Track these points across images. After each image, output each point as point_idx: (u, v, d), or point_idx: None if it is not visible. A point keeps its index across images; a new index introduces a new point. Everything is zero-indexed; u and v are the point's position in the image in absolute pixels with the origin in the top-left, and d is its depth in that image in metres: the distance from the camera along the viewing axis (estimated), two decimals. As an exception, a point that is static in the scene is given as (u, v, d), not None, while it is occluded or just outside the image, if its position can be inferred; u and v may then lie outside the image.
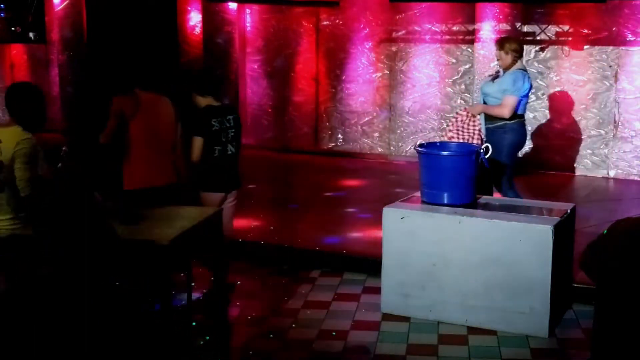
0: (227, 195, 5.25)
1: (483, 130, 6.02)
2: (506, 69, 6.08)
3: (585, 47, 8.92)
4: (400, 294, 4.93)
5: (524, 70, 6.13)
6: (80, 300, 2.11)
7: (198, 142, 5.02)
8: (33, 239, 2.16)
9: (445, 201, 5.02)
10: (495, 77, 6.21)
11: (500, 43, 6.15)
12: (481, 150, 5.15)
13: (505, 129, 6.00)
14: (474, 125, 5.96)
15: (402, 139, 9.91)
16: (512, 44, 6.08)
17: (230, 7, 10.32)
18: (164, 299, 3.76)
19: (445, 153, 5.20)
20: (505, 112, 5.95)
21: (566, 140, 9.13)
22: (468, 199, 5.08)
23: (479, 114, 6.04)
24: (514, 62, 6.05)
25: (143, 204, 4.49)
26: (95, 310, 2.10)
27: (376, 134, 10.04)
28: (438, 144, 5.57)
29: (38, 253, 2.13)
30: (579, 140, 9.07)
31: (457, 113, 6.17)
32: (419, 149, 5.26)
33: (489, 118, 6.03)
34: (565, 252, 4.88)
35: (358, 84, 10.08)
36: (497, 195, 6.06)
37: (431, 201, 5.07)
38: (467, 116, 5.99)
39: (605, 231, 2.68)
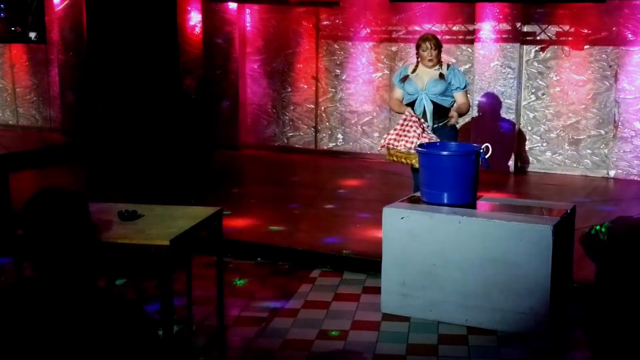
0: None
1: (429, 130, 5.85)
2: (434, 66, 6.01)
3: (585, 47, 8.92)
4: (400, 294, 4.93)
5: None
6: (77, 300, 2.10)
7: None
8: (24, 239, 2.15)
9: (445, 201, 5.02)
10: (405, 77, 6.11)
11: (430, 40, 6.00)
12: (481, 151, 5.15)
13: (449, 125, 6.04)
14: (415, 129, 5.72)
15: (402, 139, 9.91)
16: (439, 40, 6.10)
17: (230, 7, 10.33)
18: (164, 299, 3.76)
19: (445, 153, 5.19)
20: (468, 107, 6.21)
21: (566, 140, 9.14)
22: (468, 199, 5.07)
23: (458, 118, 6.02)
24: (440, 59, 6.10)
25: None
26: (93, 311, 2.10)
27: (376, 134, 10.03)
28: (438, 144, 5.55)
29: (27, 254, 2.13)
30: (578, 140, 9.08)
31: (404, 119, 5.86)
32: (419, 149, 5.26)
33: (438, 117, 5.99)
34: (565, 252, 4.88)
35: (358, 84, 10.09)
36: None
37: (431, 201, 5.07)
38: (413, 120, 5.78)
39: (603, 229, 2.68)
